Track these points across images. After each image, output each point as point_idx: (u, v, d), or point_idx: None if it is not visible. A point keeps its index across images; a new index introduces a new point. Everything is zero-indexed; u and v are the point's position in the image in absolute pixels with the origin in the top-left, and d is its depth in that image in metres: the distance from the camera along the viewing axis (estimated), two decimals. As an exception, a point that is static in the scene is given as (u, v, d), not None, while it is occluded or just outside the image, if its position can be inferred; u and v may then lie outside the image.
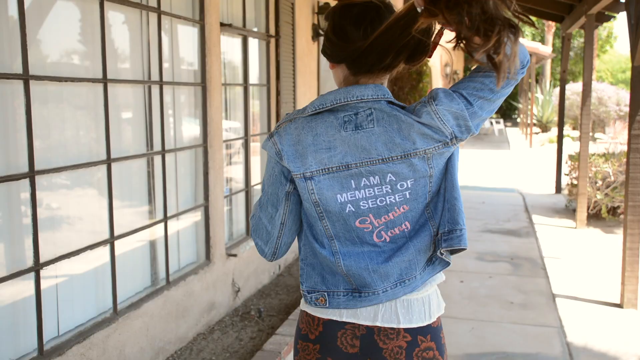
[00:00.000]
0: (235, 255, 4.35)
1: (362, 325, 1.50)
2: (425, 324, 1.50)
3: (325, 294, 1.50)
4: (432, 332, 1.51)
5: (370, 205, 1.44)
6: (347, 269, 1.46)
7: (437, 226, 1.49)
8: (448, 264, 1.53)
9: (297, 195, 1.49)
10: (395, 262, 1.47)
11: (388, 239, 1.47)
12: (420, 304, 1.51)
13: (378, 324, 1.49)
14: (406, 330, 1.49)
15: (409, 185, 1.44)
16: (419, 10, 1.27)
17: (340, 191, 1.43)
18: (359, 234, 1.46)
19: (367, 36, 1.38)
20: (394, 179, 1.42)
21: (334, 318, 1.51)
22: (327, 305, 1.50)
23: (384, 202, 1.44)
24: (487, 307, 4.67)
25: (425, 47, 1.36)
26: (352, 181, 1.42)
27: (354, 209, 1.44)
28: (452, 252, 1.50)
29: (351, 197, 1.43)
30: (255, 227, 1.53)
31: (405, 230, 1.48)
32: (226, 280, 4.27)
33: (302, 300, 1.57)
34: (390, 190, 1.43)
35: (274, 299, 4.61)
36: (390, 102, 1.42)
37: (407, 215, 1.47)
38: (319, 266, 1.50)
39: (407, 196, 1.45)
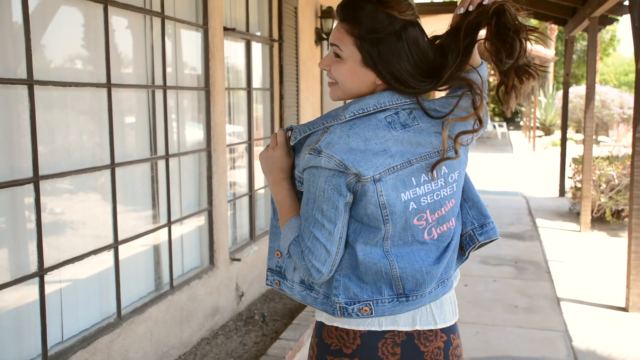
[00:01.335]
0: (239, 260, 4.35)
1: (402, 331, 1.47)
2: (454, 322, 1.55)
3: (370, 302, 1.44)
4: (457, 329, 1.56)
5: (429, 201, 1.44)
6: (401, 272, 1.43)
7: (461, 223, 1.56)
8: (464, 260, 1.59)
9: (350, 204, 1.44)
10: (442, 262, 1.48)
11: (436, 236, 1.48)
12: (449, 303, 1.54)
13: (417, 327, 1.48)
14: (442, 330, 1.51)
15: (456, 177, 1.48)
16: (458, 12, 1.40)
17: (404, 189, 1.41)
18: (413, 232, 1.45)
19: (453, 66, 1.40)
20: (447, 171, 1.46)
21: (373, 329, 1.46)
22: (372, 314, 1.44)
23: (439, 197, 1.45)
24: (492, 311, 4.65)
25: None
26: (413, 178, 1.42)
27: (415, 206, 1.43)
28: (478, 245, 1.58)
29: (413, 194, 1.43)
30: (310, 249, 1.40)
31: (451, 227, 1.50)
32: (230, 285, 4.26)
33: (326, 315, 1.50)
34: (443, 184, 1.46)
35: (277, 303, 4.60)
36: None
37: (453, 210, 1.50)
38: (356, 276, 1.45)
39: (455, 189, 1.49)
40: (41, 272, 2.56)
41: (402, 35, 1.39)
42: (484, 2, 1.40)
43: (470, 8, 1.41)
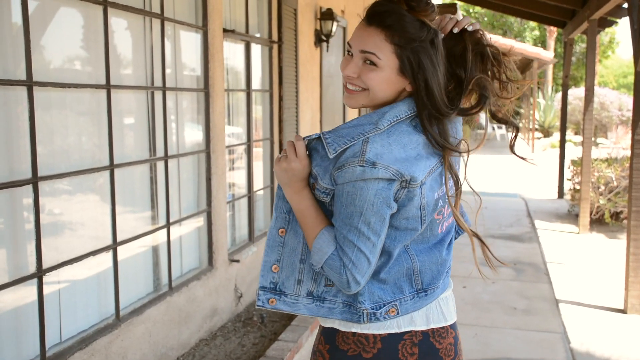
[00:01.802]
0: (237, 261, 4.35)
1: (418, 331, 1.49)
2: (456, 318, 1.60)
3: (395, 303, 1.46)
4: (457, 325, 1.63)
5: (449, 196, 1.50)
6: (421, 265, 1.48)
7: None
8: None
9: None
10: (449, 253, 1.55)
11: (444, 229, 1.53)
12: (451, 300, 1.60)
13: (432, 326, 1.51)
14: (451, 326, 1.56)
15: (458, 172, 1.55)
16: (455, 31, 1.45)
17: (437, 189, 1.45)
18: (432, 227, 1.49)
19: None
20: (457, 168, 1.52)
21: (393, 331, 1.47)
22: (399, 314, 1.46)
23: (452, 192, 1.50)
24: (491, 312, 4.65)
25: None
26: (441, 177, 1.46)
27: (442, 203, 1.48)
28: None
29: (442, 192, 1.47)
30: (354, 263, 1.39)
31: (453, 220, 1.57)
32: (228, 286, 4.26)
33: (339, 322, 1.49)
34: (456, 179, 1.50)
35: (276, 304, 4.60)
36: None
37: None
38: (376, 280, 1.46)
39: None
40: (40, 273, 2.56)
41: (435, 43, 1.40)
42: (469, 28, 1.44)
43: (455, 30, 1.44)
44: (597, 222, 7.72)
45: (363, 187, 1.36)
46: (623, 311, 4.65)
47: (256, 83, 4.90)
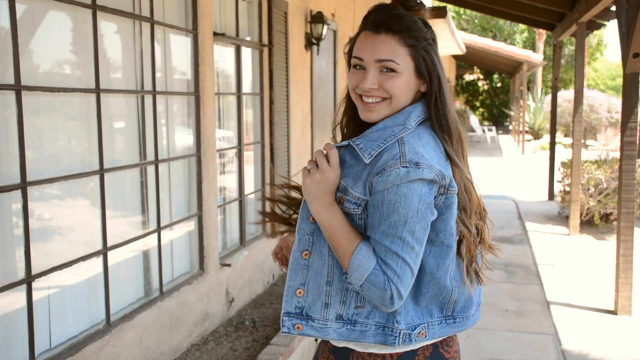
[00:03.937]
0: (229, 265, 4.33)
1: (429, 344, 1.46)
2: None
3: (424, 325, 1.41)
4: None
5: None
6: (458, 295, 1.45)
7: None
8: None
9: None
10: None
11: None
12: None
13: (441, 337, 1.49)
14: (454, 334, 1.54)
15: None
16: None
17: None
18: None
19: None
20: None
21: (409, 348, 1.43)
22: (427, 337, 1.42)
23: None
24: (482, 314, 4.66)
25: None
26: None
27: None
28: None
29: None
30: (399, 276, 1.31)
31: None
32: (220, 290, 4.25)
33: (355, 343, 1.43)
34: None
35: (268, 308, 4.59)
36: None
37: None
38: (412, 300, 1.41)
39: None
40: (29, 279, 2.54)
41: (435, 40, 1.43)
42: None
43: None
44: (587, 223, 7.76)
45: (407, 193, 1.30)
46: (613, 312, 4.67)
47: (247, 86, 4.89)
